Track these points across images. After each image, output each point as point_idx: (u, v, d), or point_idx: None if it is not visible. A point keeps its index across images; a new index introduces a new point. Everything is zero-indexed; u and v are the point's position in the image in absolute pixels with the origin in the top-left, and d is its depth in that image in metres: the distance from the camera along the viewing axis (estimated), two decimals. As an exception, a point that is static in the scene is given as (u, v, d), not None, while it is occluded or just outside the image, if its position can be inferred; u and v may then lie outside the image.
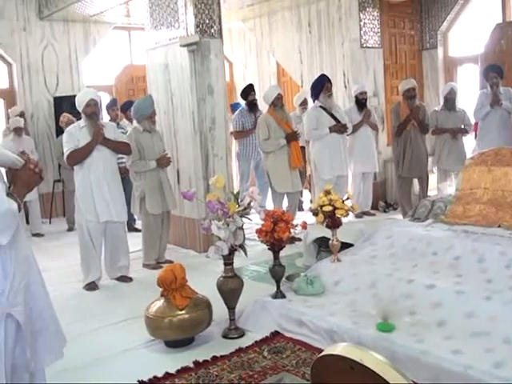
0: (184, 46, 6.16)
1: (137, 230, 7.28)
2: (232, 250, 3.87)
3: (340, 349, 2.50)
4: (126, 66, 10.26)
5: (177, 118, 6.58)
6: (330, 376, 2.54)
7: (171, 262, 5.89)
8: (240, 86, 10.80)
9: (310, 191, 8.48)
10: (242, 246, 3.91)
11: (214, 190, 4.08)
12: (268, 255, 5.45)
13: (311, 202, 8.46)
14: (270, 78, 11.10)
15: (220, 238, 3.77)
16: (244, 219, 3.94)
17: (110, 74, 10.16)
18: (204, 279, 4.80)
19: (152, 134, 5.87)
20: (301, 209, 8.22)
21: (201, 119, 6.32)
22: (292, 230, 4.09)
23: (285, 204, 6.85)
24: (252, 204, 3.87)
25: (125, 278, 5.56)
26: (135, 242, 6.26)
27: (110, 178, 5.33)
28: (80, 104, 5.24)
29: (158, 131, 6.10)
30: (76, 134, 5.23)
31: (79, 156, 5.19)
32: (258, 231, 4.05)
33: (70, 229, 8.21)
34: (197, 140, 6.35)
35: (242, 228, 3.93)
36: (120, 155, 5.81)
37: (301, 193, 7.61)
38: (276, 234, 4.00)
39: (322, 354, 2.57)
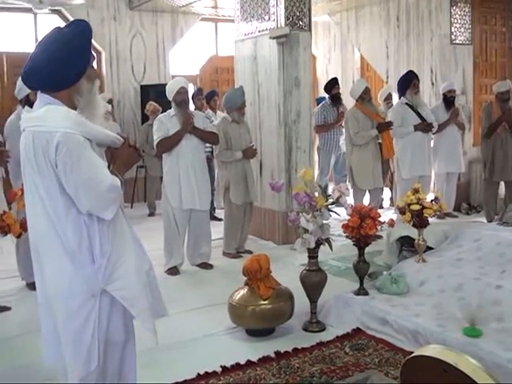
0: (274, 38, 6.18)
1: (216, 219, 7.37)
2: (318, 244, 3.86)
3: (434, 351, 2.45)
4: (211, 57, 10.39)
5: (262, 109, 6.62)
6: (421, 377, 2.50)
7: (251, 252, 5.98)
8: (322, 81, 10.75)
9: (390, 189, 8.35)
10: (328, 240, 3.89)
11: (298, 183, 4.08)
12: (347, 251, 5.45)
13: (391, 200, 8.35)
14: (353, 73, 10.98)
15: (307, 231, 3.77)
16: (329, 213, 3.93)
17: (195, 64, 10.33)
18: (283, 271, 4.83)
19: (240, 125, 5.92)
20: (381, 206, 8.10)
21: (286, 112, 6.33)
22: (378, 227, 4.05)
23: (365, 201, 6.77)
24: (340, 199, 3.84)
25: (205, 265, 5.65)
26: (215, 230, 6.33)
27: (197, 166, 5.42)
28: (170, 92, 5.34)
29: (246, 123, 6.15)
30: (166, 123, 5.35)
31: (169, 144, 5.31)
32: (345, 226, 4.03)
33: (151, 214, 8.42)
34: (281, 132, 6.37)
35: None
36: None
37: (381, 190, 7.50)
38: (362, 231, 3.96)
39: (414, 354, 2.53)
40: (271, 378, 3.37)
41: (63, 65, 2.22)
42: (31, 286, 5.01)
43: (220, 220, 7.15)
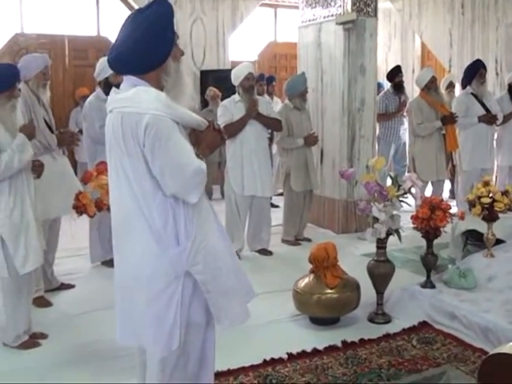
0: (340, 24, 6.10)
1: (273, 206, 7.34)
2: (387, 234, 3.80)
3: (517, 348, 2.38)
4: (269, 43, 10.36)
5: (325, 97, 6.54)
6: (501, 376, 2.43)
7: (310, 240, 5.96)
8: (382, 69, 10.57)
9: (450, 181, 8.17)
10: (397, 231, 3.83)
11: (361, 172, 4.02)
12: (407, 243, 5.34)
13: (451, 192, 8.17)
14: (413, 61, 10.78)
15: (377, 221, 3.71)
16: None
17: (253, 50, 10.30)
18: (343, 260, 4.72)
19: (301, 112, 5.87)
20: (440, 199, 7.92)
21: (350, 99, 6.25)
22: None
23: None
24: (412, 189, 3.77)
25: (265, 252, 5.65)
26: (272, 216, 6.31)
27: (260, 153, 5.41)
28: (237, 77, 5.32)
29: (308, 110, 6.10)
30: (230, 108, 5.33)
31: (233, 130, 5.29)
32: (414, 217, 3.95)
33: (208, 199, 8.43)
34: (344, 120, 6.29)
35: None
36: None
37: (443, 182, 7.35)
38: (432, 222, 3.88)
39: (495, 351, 2.46)
40: (338, 367, 3.34)
41: (150, 47, 2.20)
42: (108, 263, 5.15)
43: (276, 207, 7.14)
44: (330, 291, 3.83)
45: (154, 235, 2.22)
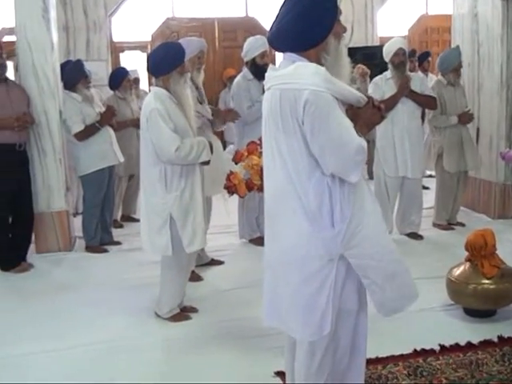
0: (499, -8, 5.67)
1: (422, 188, 7.05)
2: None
3: None
4: (420, 17, 9.91)
5: (482, 71, 6.13)
6: None
7: (463, 224, 5.70)
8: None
9: None
10: None
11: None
12: None
13: None
14: None
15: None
16: None
17: (403, 24, 9.91)
18: (499, 248, 4.45)
19: (455, 88, 5.57)
20: None
21: (510, 73, 5.81)
22: None
23: None
24: None
25: (415, 235, 5.45)
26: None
27: (412, 132, 5.20)
28: (387, 53, 5.16)
29: (462, 85, 5.78)
30: (381, 86, 5.19)
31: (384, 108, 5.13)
32: None
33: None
34: (503, 96, 5.87)
35: None
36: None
37: None
38: None
39: None
40: (494, 364, 3.12)
41: (311, 23, 2.12)
42: (256, 241, 5.28)
43: (426, 188, 6.85)
44: (487, 281, 3.58)
45: (308, 216, 2.15)
